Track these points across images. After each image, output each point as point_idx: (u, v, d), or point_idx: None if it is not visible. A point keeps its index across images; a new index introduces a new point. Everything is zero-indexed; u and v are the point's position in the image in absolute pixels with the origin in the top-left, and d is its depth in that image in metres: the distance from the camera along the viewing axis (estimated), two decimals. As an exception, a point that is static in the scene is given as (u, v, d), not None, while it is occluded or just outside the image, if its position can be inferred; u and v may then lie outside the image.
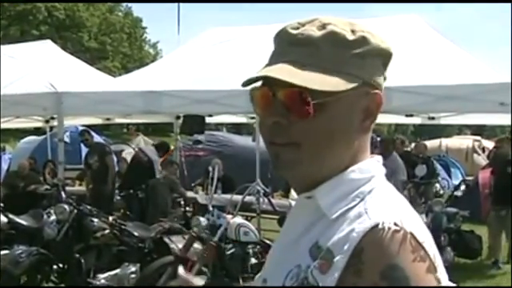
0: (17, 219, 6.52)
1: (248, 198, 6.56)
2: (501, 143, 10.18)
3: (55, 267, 6.29)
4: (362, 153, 1.02)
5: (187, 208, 9.23)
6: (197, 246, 5.50)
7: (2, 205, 6.95)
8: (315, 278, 0.91)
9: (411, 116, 8.63)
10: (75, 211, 6.36)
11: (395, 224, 0.89)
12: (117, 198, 9.33)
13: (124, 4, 48.14)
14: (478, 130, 30.78)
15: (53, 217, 6.42)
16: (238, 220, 5.93)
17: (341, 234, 0.91)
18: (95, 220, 6.37)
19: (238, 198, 6.11)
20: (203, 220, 5.67)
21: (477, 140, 21.93)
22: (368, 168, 1.00)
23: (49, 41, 12.63)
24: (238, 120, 11.20)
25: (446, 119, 9.20)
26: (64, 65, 10.87)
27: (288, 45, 1.00)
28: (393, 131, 39.47)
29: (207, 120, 9.52)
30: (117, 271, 6.15)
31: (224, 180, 8.68)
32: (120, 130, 29.94)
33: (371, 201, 0.95)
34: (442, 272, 0.92)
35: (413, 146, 12.35)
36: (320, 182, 0.98)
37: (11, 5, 36.91)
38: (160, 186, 8.40)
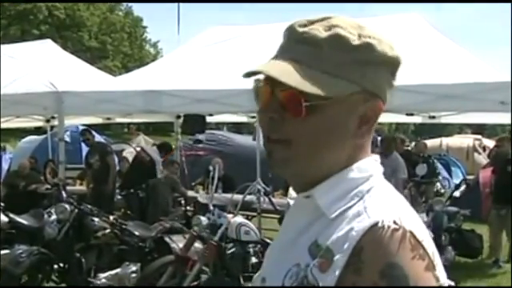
0: (17, 219, 6.52)
1: (249, 198, 6.57)
2: (501, 142, 10.18)
3: (56, 267, 6.29)
4: (359, 155, 1.01)
5: (188, 207, 9.22)
6: (197, 246, 5.51)
7: (3, 204, 6.95)
8: (315, 277, 0.91)
9: (412, 115, 8.62)
10: (76, 211, 6.36)
11: (394, 222, 0.89)
12: (117, 198, 9.33)
13: (124, 3, 48.23)
14: (479, 129, 30.83)
15: (53, 216, 6.41)
16: (239, 219, 5.92)
17: (340, 233, 0.91)
18: (96, 219, 6.38)
19: (239, 198, 6.12)
20: (204, 219, 5.66)
21: (477, 139, 21.94)
22: (366, 167, 1.01)
23: (49, 40, 12.63)
24: (239, 119, 11.18)
25: (447, 118, 9.20)
26: (64, 64, 10.85)
27: (293, 42, 1.00)
28: (393, 130, 39.42)
29: (208, 119, 9.52)
30: (117, 271, 6.15)
31: (224, 179, 8.67)
32: (120, 130, 29.94)
33: (370, 200, 0.95)
34: (441, 270, 0.93)
35: (413, 145, 12.35)
36: (316, 182, 0.98)
37: (12, 4, 36.93)
38: (161, 186, 8.40)
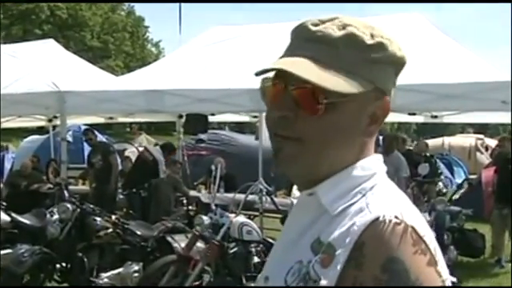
0: (20, 218, 6.53)
1: (251, 197, 6.56)
2: (502, 142, 10.16)
3: (58, 266, 6.30)
4: (365, 154, 1.02)
5: (190, 207, 9.22)
6: (199, 245, 5.50)
7: (5, 204, 6.96)
8: (317, 273, 0.92)
9: (414, 114, 8.62)
10: (78, 210, 6.37)
11: (396, 217, 0.90)
12: (120, 197, 9.33)
13: (126, 3, 48.24)
14: (481, 129, 30.74)
15: (56, 216, 6.42)
16: (241, 219, 5.92)
17: (342, 229, 0.91)
18: (98, 219, 6.38)
19: (241, 197, 6.11)
20: (206, 219, 5.66)
21: (480, 138, 21.87)
22: (369, 165, 1.01)
23: (51, 40, 12.64)
24: (241, 119, 11.17)
25: (449, 118, 9.18)
26: (66, 64, 10.86)
27: (305, 41, 1.00)
28: (395, 130, 39.37)
29: (210, 119, 9.53)
30: (120, 270, 6.15)
31: (227, 179, 8.68)
32: (122, 129, 29.88)
33: (372, 196, 0.96)
34: (443, 266, 0.93)
35: (414, 145, 12.32)
36: (321, 180, 0.99)
37: (14, 4, 36.96)
38: (163, 185, 8.40)
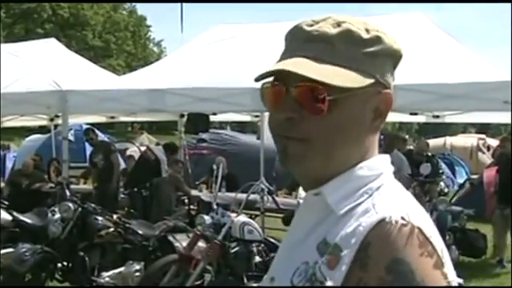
0: (21, 217, 6.53)
1: (252, 197, 6.56)
2: (503, 143, 10.14)
3: (59, 265, 6.30)
4: (371, 151, 1.02)
5: (191, 206, 9.22)
6: (201, 245, 5.50)
7: (7, 203, 6.97)
8: (323, 274, 0.91)
9: (416, 114, 8.60)
10: (79, 209, 6.37)
11: (402, 218, 0.89)
12: (121, 197, 9.34)
13: (128, 2, 48.21)
14: (483, 129, 30.79)
15: (57, 215, 6.42)
16: (243, 218, 5.91)
17: (348, 230, 0.91)
18: (99, 218, 6.38)
19: (243, 197, 6.11)
20: (207, 218, 5.66)
21: (481, 138, 21.88)
22: (376, 165, 1.00)
23: (53, 39, 12.65)
24: (242, 118, 11.16)
25: (451, 117, 9.17)
26: (68, 63, 10.86)
27: (302, 41, 1.00)
28: (397, 129, 39.36)
29: (211, 118, 9.53)
30: (121, 269, 6.16)
31: (228, 178, 8.68)
32: (124, 129, 29.89)
33: (379, 197, 0.95)
34: (450, 267, 0.92)
35: (415, 144, 12.28)
36: (327, 179, 0.98)
37: (16, 3, 37.00)
38: (164, 185, 8.40)
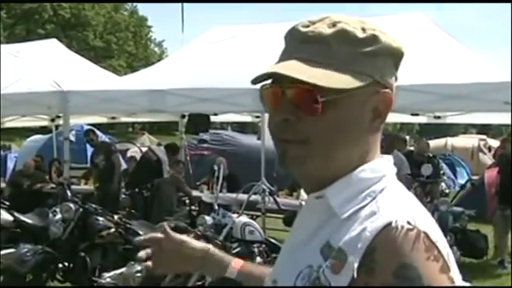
0: (22, 218, 6.53)
1: (253, 197, 6.55)
2: (504, 144, 10.14)
3: (61, 266, 6.30)
4: (372, 152, 1.01)
5: (192, 207, 9.21)
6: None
7: (8, 203, 6.97)
8: (327, 278, 0.90)
9: (417, 115, 8.59)
10: (81, 210, 6.36)
11: (408, 223, 0.88)
12: (122, 197, 9.34)
13: (129, 3, 48.25)
14: (484, 129, 30.73)
15: (58, 215, 6.42)
16: (244, 219, 5.91)
17: (353, 234, 0.90)
18: (100, 219, 6.37)
19: (244, 197, 6.10)
20: (208, 219, 5.66)
21: (482, 139, 21.86)
22: (379, 167, 1.00)
23: (54, 39, 12.67)
24: (243, 119, 11.17)
25: (452, 118, 9.16)
26: (69, 63, 10.87)
27: (298, 42, 0.99)
28: (398, 130, 39.35)
29: (212, 119, 9.52)
30: (122, 270, 6.14)
31: (229, 179, 8.68)
32: (125, 129, 29.90)
33: (383, 200, 0.94)
34: (456, 271, 0.91)
35: (415, 145, 12.26)
36: (329, 181, 0.97)
37: (17, 4, 37.04)
38: (165, 185, 8.40)
